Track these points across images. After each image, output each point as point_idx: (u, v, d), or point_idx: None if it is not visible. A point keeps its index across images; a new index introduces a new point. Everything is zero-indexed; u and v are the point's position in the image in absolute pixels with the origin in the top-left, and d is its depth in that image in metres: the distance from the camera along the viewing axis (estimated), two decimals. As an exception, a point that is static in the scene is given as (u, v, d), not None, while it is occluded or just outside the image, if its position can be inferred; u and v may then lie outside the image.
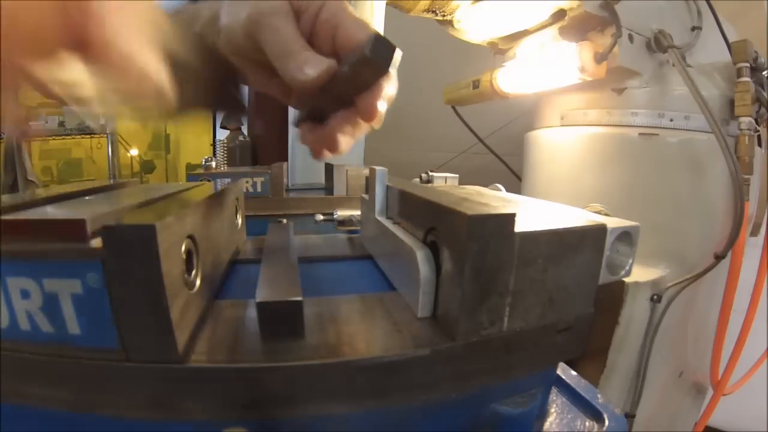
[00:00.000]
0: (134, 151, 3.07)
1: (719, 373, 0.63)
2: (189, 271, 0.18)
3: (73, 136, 2.68)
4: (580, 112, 0.61)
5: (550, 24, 0.58)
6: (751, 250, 0.57)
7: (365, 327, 0.20)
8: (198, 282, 0.19)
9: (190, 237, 0.19)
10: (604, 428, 0.24)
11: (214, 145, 2.73)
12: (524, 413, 0.20)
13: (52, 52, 0.17)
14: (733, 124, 0.56)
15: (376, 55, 0.22)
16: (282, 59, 0.25)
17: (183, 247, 0.17)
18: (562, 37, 0.56)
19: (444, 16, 0.61)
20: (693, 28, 0.59)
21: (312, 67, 0.24)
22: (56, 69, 0.18)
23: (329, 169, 0.67)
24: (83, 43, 0.17)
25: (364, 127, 0.28)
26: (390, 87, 0.26)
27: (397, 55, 0.23)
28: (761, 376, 0.76)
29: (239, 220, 0.33)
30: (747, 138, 0.53)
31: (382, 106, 0.26)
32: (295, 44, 0.25)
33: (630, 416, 0.55)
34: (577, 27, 0.54)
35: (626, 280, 0.41)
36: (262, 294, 0.18)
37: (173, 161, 3.30)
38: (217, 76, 0.27)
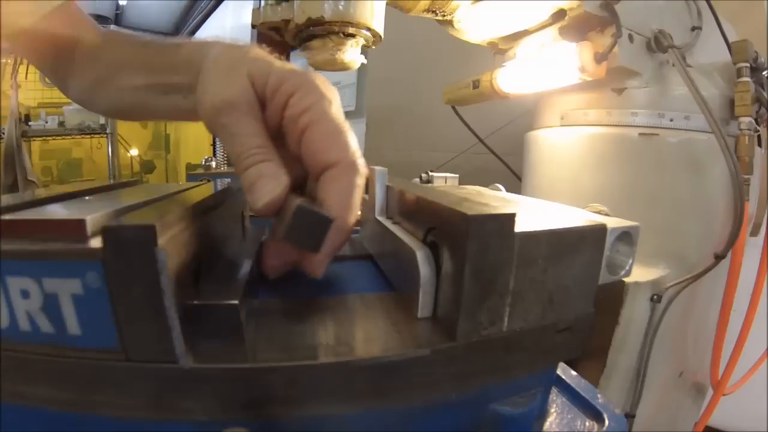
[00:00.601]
0: (134, 151, 3.07)
1: (719, 373, 0.63)
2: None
3: (73, 136, 2.68)
4: (580, 112, 0.61)
5: (550, 24, 0.57)
6: (751, 250, 0.57)
7: (365, 327, 0.20)
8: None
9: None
10: (604, 428, 0.24)
11: (214, 145, 2.73)
12: (524, 413, 0.20)
13: None
14: (733, 124, 0.56)
15: (300, 240, 0.18)
16: (236, 168, 0.22)
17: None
18: (562, 37, 0.56)
19: (444, 16, 0.61)
20: (693, 28, 0.59)
21: (261, 195, 0.20)
22: None
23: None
24: None
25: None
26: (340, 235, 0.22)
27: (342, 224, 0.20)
28: (761, 376, 0.76)
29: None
30: (747, 138, 0.53)
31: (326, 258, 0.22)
32: (246, 153, 0.21)
33: (630, 416, 0.55)
34: (577, 27, 0.54)
35: (626, 280, 0.41)
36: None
37: (173, 161, 3.30)
38: None
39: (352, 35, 0.42)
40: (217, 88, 0.22)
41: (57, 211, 0.20)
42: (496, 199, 0.34)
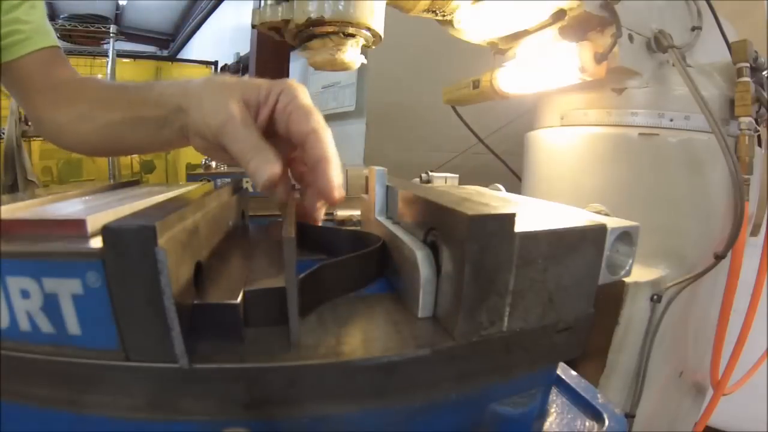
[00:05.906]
0: (134, 151, 3.07)
1: (719, 373, 0.63)
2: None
3: (73, 136, 2.67)
4: (580, 112, 0.61)
5: (550, 24, 0.57)
6: (751, 250, 0.57)
7: (365, 327, 0.20)
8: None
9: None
10: (604, 428, 0.24)
11: (214, 145, 2.73)
12: (524, 413, 0.20)
13: None
14: (733, 124, 0.56)
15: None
16: (242, 163, 0.29)
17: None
18: (562, 37, 0.56)
19: (444, 16, 0.61)
20: (693, 28, 0.59)
21: (260, 174, 0.27)
22: None
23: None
24: None
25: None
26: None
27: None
28: (761, 376, 0.76)
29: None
30: (747, 138, 0.53)
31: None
32: (247, 152, 0.28)
33: (630, 416, 0.55)
34: (577, 27, 0.54)
35: (626, 280, 0.41)
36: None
37: (173, 161, 3.30)
38: None
39: (352, 35, 0.42)
40: (218, 107, 0.29)
41: (57, 211, 0.20)
42: (496, 199, 0.34)
